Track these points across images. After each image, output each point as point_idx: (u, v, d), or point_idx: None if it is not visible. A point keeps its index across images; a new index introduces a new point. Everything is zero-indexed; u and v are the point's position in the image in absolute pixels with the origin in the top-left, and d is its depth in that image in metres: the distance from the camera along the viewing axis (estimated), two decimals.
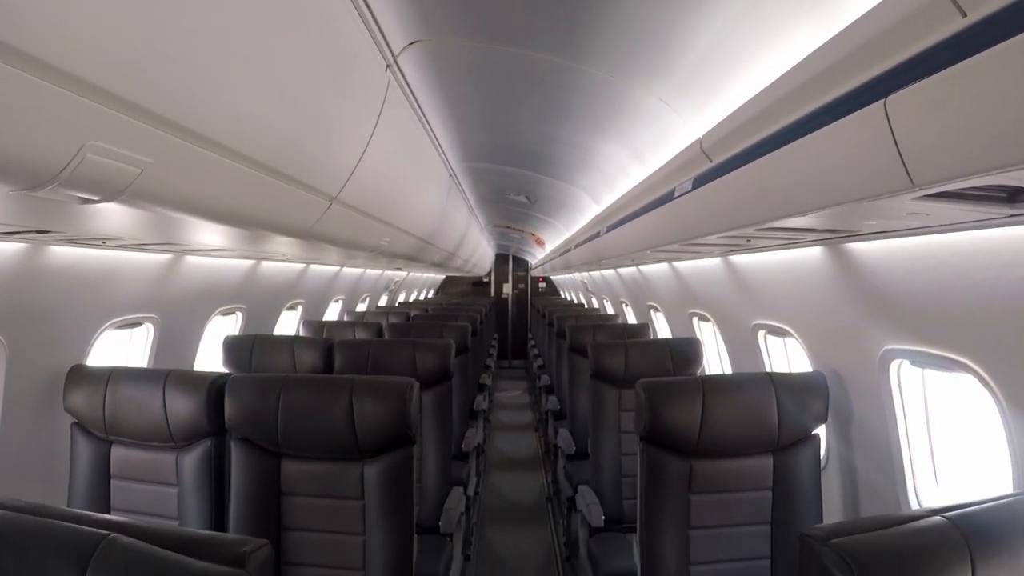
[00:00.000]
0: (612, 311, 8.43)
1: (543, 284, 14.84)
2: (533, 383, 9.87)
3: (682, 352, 3.73)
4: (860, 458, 2.46)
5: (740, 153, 1.65)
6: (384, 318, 6.25)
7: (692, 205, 2.16)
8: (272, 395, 2.28)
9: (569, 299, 13.61)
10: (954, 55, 0.90)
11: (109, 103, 1.04)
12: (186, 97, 1.20)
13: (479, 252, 8.86)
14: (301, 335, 5.10)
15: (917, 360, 2.12)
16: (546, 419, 6.55)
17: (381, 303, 10.12)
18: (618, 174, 3.47)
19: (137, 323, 3.42)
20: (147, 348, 3.52)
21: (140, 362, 3.47)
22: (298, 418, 2.26)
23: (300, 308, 6.14)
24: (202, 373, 2.58)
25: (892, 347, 2.17)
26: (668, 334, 5.31)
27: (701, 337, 4.30)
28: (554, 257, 8.21)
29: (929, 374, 2.21)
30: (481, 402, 5.94)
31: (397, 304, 10.51)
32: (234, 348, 3.95)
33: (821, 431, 2.43)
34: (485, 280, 14.76)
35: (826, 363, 2.59)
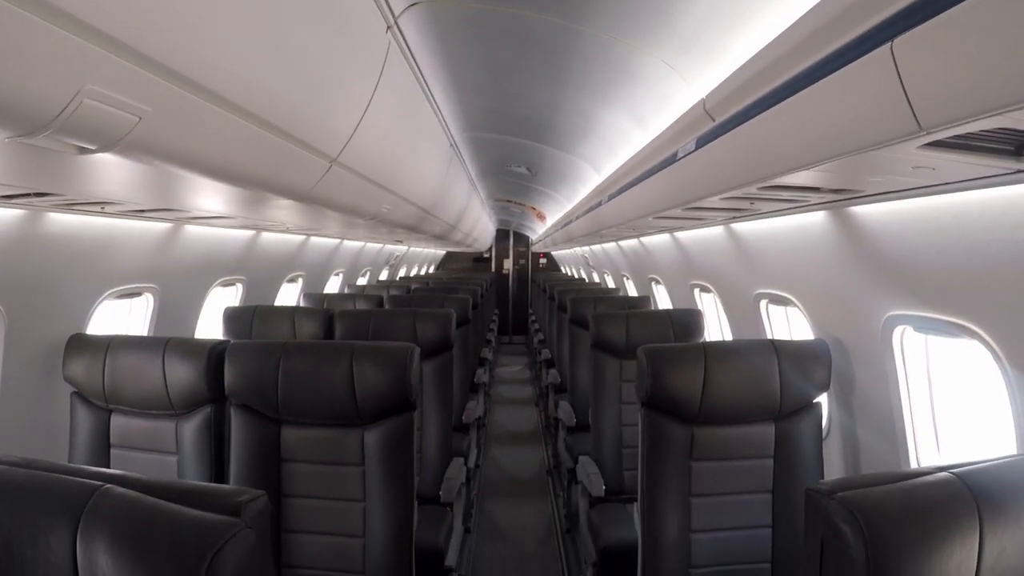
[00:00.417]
0: (613, 285, 8.43)
1: (544, 260, 14.83)
2: (534, 358, 9.90)
3: (683, 323, 3.72)
4: (862, 427, 2.46)
5: (744, 109, 1.63)
6: (385, 291, 6.25)
7: (695, 166, 2.13)
8: (272, 361, 2.27)
9: (570, 274, 13.61)
10: None
11: (108, 46, 1.01)
12: (186, 45, 1.18)
13: (480, 226, 8.83)
14: (302, 306, 5.10)
15: (920, 326, 2.10)
16: (546, 393, 6.56)
17: (382, 277, 10.12)
18: (620, 141, 3.44)
19: (137, 293, 3.41)
20: (147, 318, 3.51)
21: (140, 333, 3.46)
22: (298, 384, 2.25)
23: (300, 281, 6.14)
24: (202, 340, 2.57)
25: (895, 313, 2.15)
26: (669, 306, 5.30)
27: (703, 308, 4.29)
28: (555, 231, 8.18)
29: (932, 342, 2.20)
30: (482, 375, 5.95)
31: (398, 279, 10.51)
32: (234, 319, 3.95)
33: (823, 399, 2.42)
34: (486, 256, 14.74)
35: (828, 331, 2.58)
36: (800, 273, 2.79)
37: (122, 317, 3.49)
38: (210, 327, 4.16)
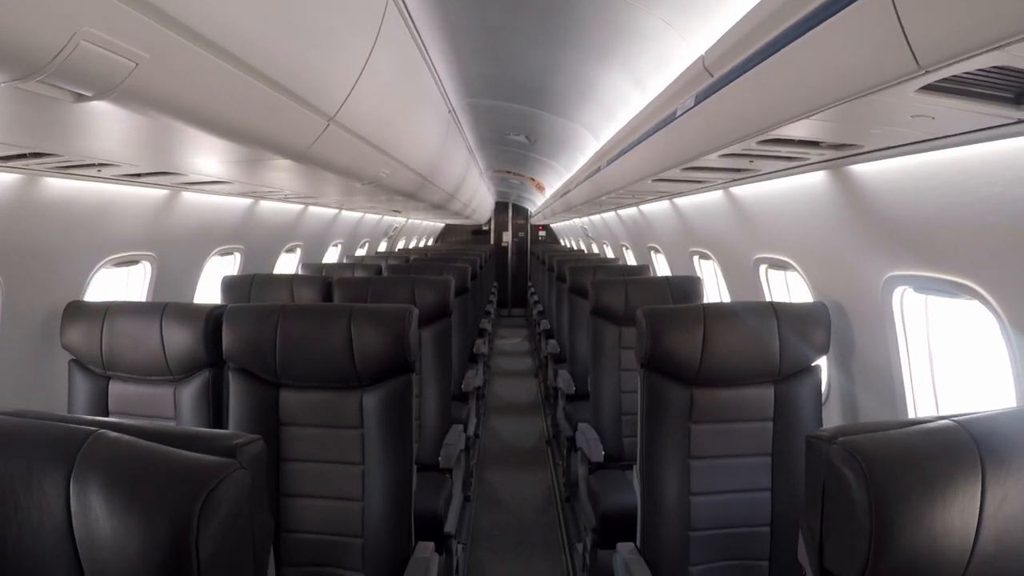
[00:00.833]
0: (612, 256, 8.42)
1: (543, 232, 14.83)
2: (533, 330, 9.92)
3: (682, 289, 3.72)
4: (861, 390, 2.46)
5: (743, 62, 1.61)
6: (383, 260, 6.24)
7: (694, 124, 2.11)
8: (270, 324, 2.26)
9: (569, 246, 13.60)
10: None
11: None
12: None
13: (478, 197, 8.80)
14: (300, 274, 5.10)
15: (920, 287, 2.09)
16: (546, 363, 6.58)
17: (380, 249, 10.10)
18: (618, 105, 3.41)
19: (134, 261, 3.40)
20: (145, 287, 3.51)
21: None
22: (296, 347, 2.24)
23: (299, 251, 6.12)
24: (199, 305, 2.57)
25: (895, 274, 2.14)
26: (669, 275, 5.29)
27: (702, 276, 4.28)
28: (554, 200, 8.15)
29: (932, 304, 2.20)
30: (481, 345, 5.96)
31: (396, 250, 10.49)
32: (232, 287, 3.95)
33: (822, 363, 2.42)
34: (485, 228, 14.72)
35: (828, 295, 2.57)
36: (799, 237, 2.78)
37: (120, 286, 3.49)
38: (208, 296, 4.15)
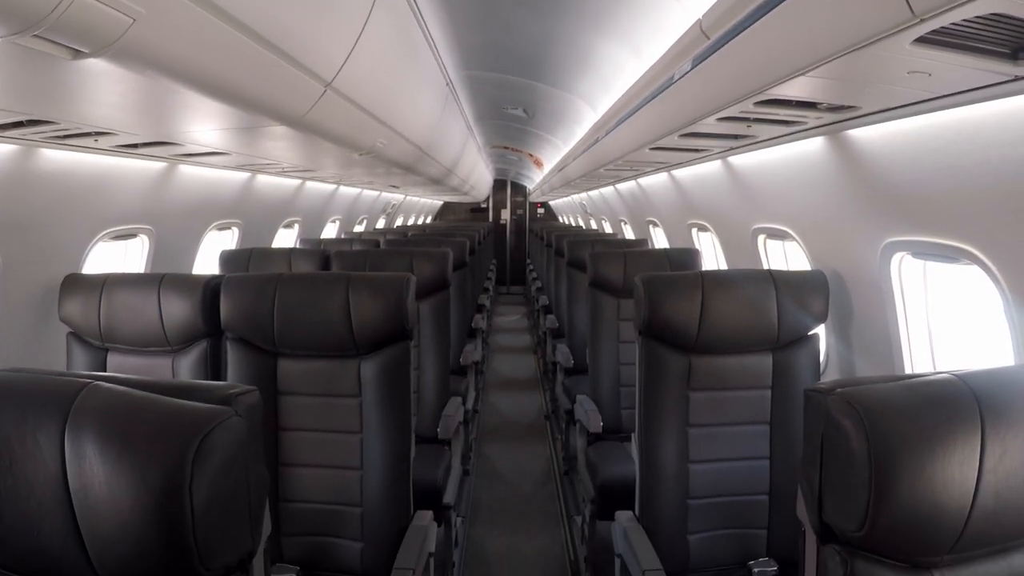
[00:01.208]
0: (611, 231, 8.41)
1: (541, 210, 14.81)
2: (532, 307, 9.92)
3: (681, 261, 3.71)
4: (860, 358, 2.46)
5: (740, 21, 1.59)
6: (382, 236, 6.23)
7: (691, 87, 2.09)
8: (268, 293, 2.25)
9: (567, 223, 13.58)
10: None
11: None
12: None
13: (476, 174, 8.77)
14: (298, 248, 5.10)
15: (919, 252, 2.09)
16: (544, 339, 6.59)
17: (379, 226, 10.08)
18: (615, 74, 3.38)
19: (132, 235, 3.39)
20: (143, 261, 3.50)
21: None
22: (294, 315, 2.24)
23: (297, 227, 6.11)
24: (197, 275, 2.56)
25: (894, 239, 2.14)
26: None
27: (700, 248, 4.28)
28: (552, 175, 8.13)
29: (930, 271, 2.20)
30: (479, 321, 5.96)
31: (395, 227, 10.48)
32: (230, 261, 3.94)
33: (821, 332, 2.42)
34: (483, 206, 14.70)
35: (827, 264, 2.57)
36: (798, 206, 2.77)
37: (118, 260, 3.48)
38: (206, 271, 4.14)
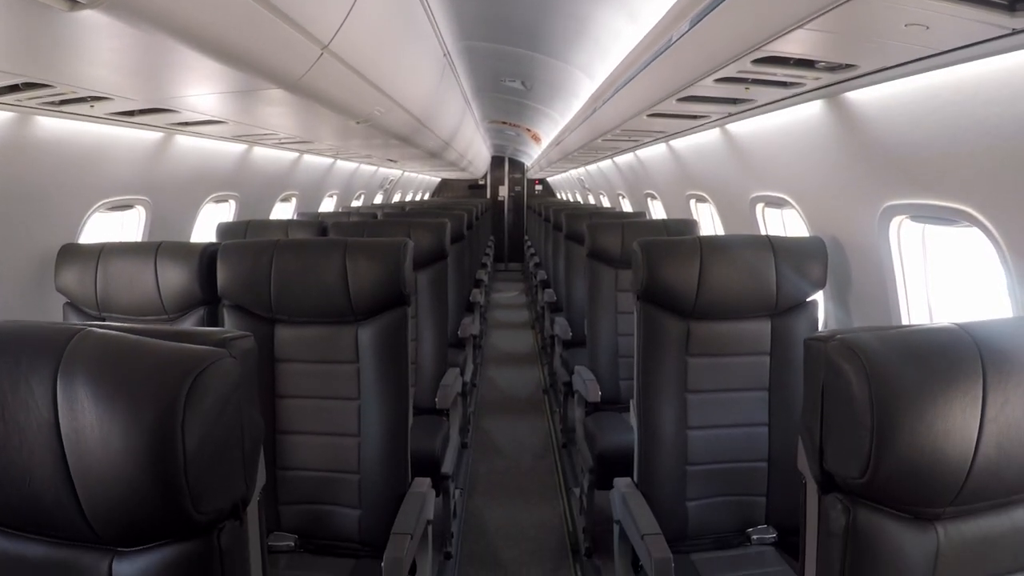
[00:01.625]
0: (609, 206, 8.41)
1: (539, 187, 14.80)
2: (530, 283, 9.92)
3: (678, 231, 3.72)
4: (858, 324, 2.46)
5: None
6: (379, 211, 6.22)
7: (688, 47, 2.07)
8: (265, 260, 2.24)
9: (566, 199, 13.58)
10: None
11: None
12: None
13: (474, 149, 8.74)
14: (296, 219, 5.10)
15: (918, 215, 2.09)
16: (542, 313, 6.59)
17: (376, 202, 10.06)
18: (613, 42, 3.35)
19: (129, 206, 3.38)
20: (139, 233, 3.49)
21: None
22: (291, 282, 2.23)
23: (294, 200, 6.09)
24: (194, 243, 2.56)
25: (892, 203, 2.13)
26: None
27: (698, 220, 4.28)
28: (550, 150, 8.10)
29: (929, 236, 2.19)
30: (477, 295, 5.96)
31: (392, 203, 10.46)
32: (228, 233, 3.95)
33: (819, 299, 2.42)
34: (481, 183, 14.67)
35: (825, 231, 2.56)
36: (796, 172, 2.77)
37: (114, 233, 3.47)
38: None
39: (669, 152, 4.56)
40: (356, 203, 8.69)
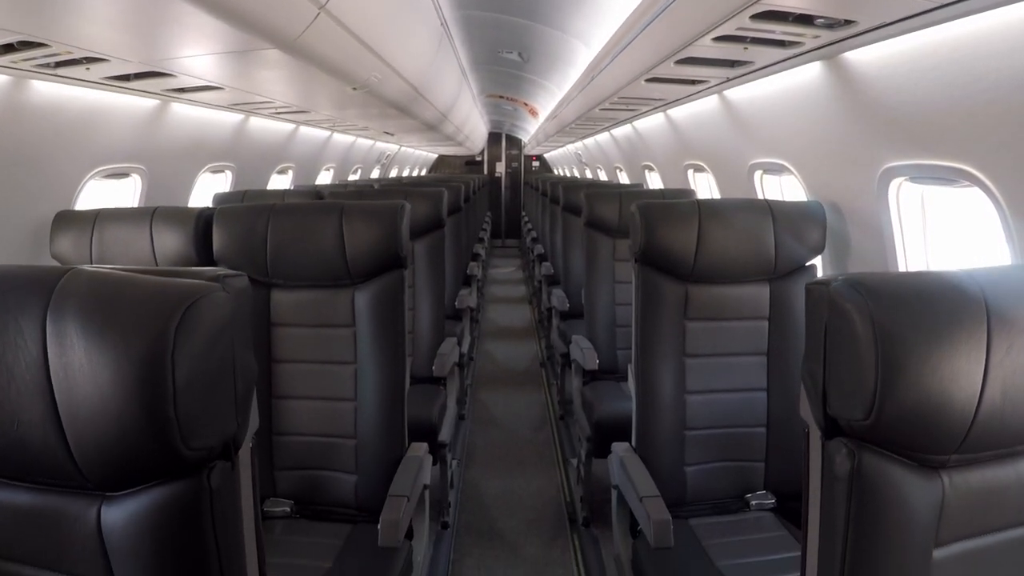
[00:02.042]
0: (605, 179, 8.39)
1: (536, 163, 14.78)
2: (527, 258, 9.91)
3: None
4: None
5: None
6: (376, 183, 6.20)
7: (687, 4, 2.03)
8: (261, 223, 2.23)
9: (562, 174, 13.55)
10: None
11: None
12: None
13: (471, 124, 8.70)
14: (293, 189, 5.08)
15: (917, 176, 2.08)
16: (540, 287, 6.59)
17: (373, 176, 10.03)
18: (610, 6, 3.33)
19: (124, 174, 3.36)
20: (135, 201, 3.48)
21: None
22: (288, 245, 2.22)
23: (291, 172, 6.07)
24: (190, 208, 2.54)
25: (891, 165, 2.13)
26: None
27: (696, 190, 4.27)
28: (548, 123, 8.06)
29: (928, 198, 2.19)
30: (475, 268, 5.96)
31: (390, 177, 10.43)
32: (224, 202, 3.88)
33: (818, 264, 2.41)
34: (478, 159, 14.63)
35: (824, 196, 2.56)
36: (795, 137, 2.75)
37: (110, 202, 3.45)
38: None
39: (667, 122, 4.54)
40: (353, 177, 8.65)
